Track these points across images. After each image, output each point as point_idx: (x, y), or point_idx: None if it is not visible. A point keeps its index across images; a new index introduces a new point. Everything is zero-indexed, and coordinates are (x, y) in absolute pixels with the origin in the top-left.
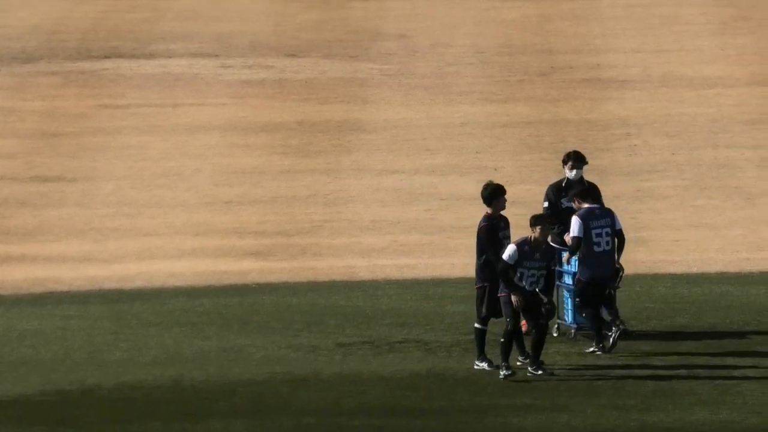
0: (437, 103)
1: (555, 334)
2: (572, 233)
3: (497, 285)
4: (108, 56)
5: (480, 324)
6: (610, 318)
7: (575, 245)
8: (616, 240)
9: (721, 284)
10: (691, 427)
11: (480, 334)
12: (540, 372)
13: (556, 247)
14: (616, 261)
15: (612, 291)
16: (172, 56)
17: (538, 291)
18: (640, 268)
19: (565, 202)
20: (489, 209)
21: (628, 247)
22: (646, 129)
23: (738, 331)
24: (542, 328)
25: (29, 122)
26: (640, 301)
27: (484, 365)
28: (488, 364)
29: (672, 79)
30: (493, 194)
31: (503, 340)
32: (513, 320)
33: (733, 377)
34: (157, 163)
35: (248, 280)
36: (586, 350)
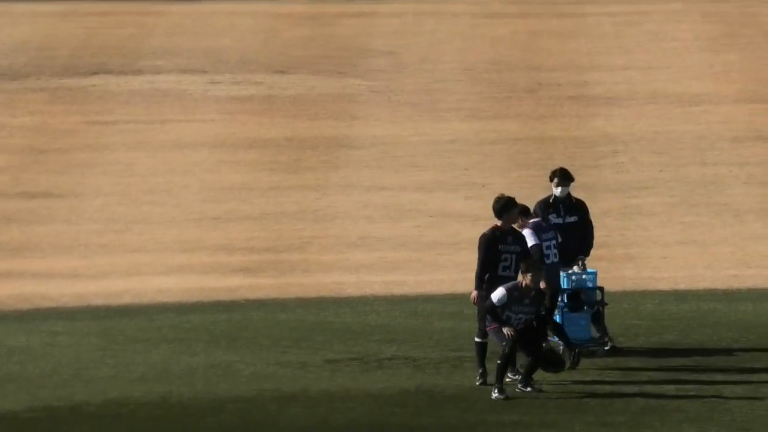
0: (425, 119)
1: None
2: (530, 242)
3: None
4: (96, 72)
5: (479, 337)
6: (598, 334)
7: (536, 252)
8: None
9: (709, 301)
10: None
11: (480, 348)
12: (528, 389)
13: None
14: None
15: (601, 308)
16: (160, 72)
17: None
18: (628, 285)
19: (553, 218)
20: (499, 222)
21: (616, 264)
22: (634, 146)
23: (726, 348)
24: (538, 358)
25: (17, 138)
26: (628, 317)
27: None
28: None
29: (659, 96)
30: (505, 207)
31: (500, 362)
32: (510, 343)
33: (721, 394)
34: (145, 180)
35: (236, 296)
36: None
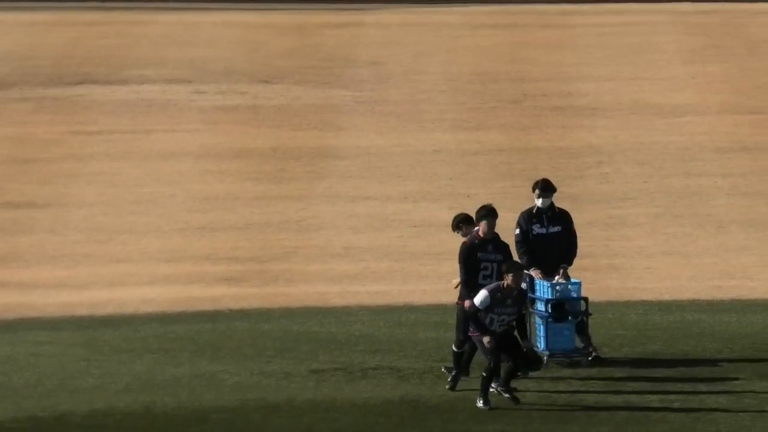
0: (409, 130)
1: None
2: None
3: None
4: (81, 82)
5: (457, 347)
6: (582, 345)
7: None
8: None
9: (693, 312)
10: None
11: (457, 357)
12: (507, 395)
13: (526, 289)
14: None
15: (585, 318)
16: (145, 82)
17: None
18: (612, 295)
19: (536, 229)
20: (479, 230)
21: (600, 274)
22: (618, 157)
23: (710, 359)
24: (518, 362)
25: (1, 148)
26: (612, 328)
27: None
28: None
29: (643, 107)
30: (482, 215)
31: (485, 375)
32: (494, 357)
33: (705, 404)
34: (130, 190)
35: (221, 306)
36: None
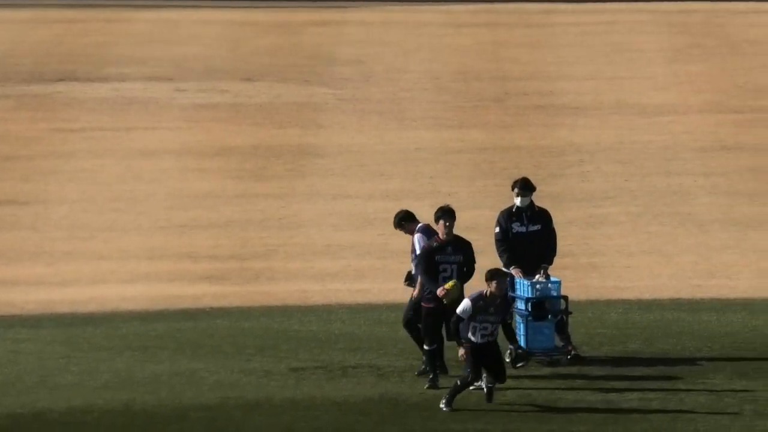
0: (392, 128)
1: (508, 359)
2: (420, 246)
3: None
4: (62, 79)
5: (427, 346)
6: (562, 343)
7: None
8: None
9: (673, 310)
10: None
11: (429, 356)
12: (445, 407)
13: (510, 295)
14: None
15: (565, 317)
16: (126, 80)
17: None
18: (592, 294)
19: (516, 227)
20: (439, 232)
21: (581, 273)
22: (599, 155)
23: (690, 358)
24: (499, 375)
25: None
26: (592, 326)
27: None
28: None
29: (625, 107)
30: (438, 216)
31: (459, 383)
32: (474, 372)
33: (684, 403)
34: (111, 187)
35: (202, 304)
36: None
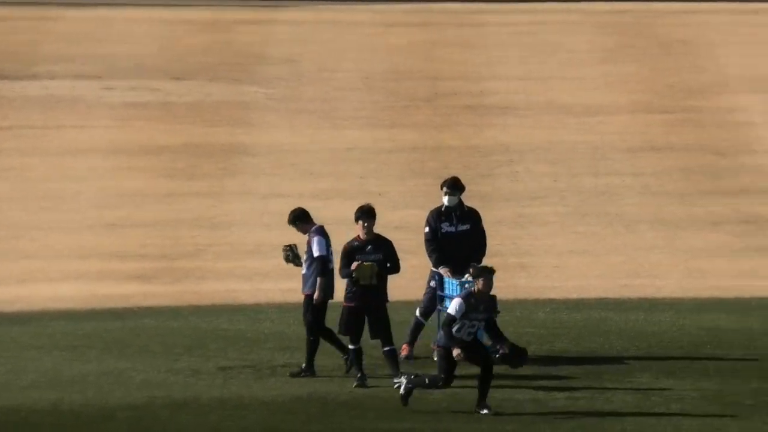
0: (323, 127)
1: (435, 358)
2: (317, 252)
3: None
4: None
5: (353, 345)
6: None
7: (321, 264)
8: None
9: (601, 310)
10: None
11: (356, 355)
12: (485, 411)
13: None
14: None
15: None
16: (55, 78)
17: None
18: (521, 294)
19: (445, 227)
20: (359, 231)
21: (509, 272)
22: (528, 155)
23: (617, 357)
24: (489, 367)
25: None
26: (520, 325)
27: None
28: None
29: (555, 107)
30: (357, 216)
31: (427, 382)
32: (445, 377)
33: (611, 402)
34: (39, 185)
35: (130, 303)
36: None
